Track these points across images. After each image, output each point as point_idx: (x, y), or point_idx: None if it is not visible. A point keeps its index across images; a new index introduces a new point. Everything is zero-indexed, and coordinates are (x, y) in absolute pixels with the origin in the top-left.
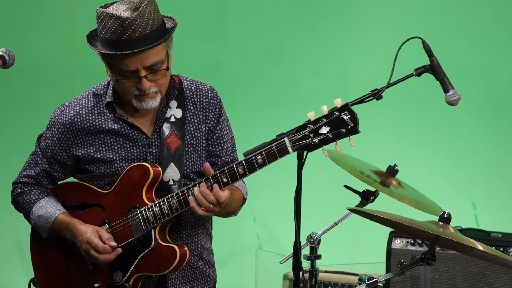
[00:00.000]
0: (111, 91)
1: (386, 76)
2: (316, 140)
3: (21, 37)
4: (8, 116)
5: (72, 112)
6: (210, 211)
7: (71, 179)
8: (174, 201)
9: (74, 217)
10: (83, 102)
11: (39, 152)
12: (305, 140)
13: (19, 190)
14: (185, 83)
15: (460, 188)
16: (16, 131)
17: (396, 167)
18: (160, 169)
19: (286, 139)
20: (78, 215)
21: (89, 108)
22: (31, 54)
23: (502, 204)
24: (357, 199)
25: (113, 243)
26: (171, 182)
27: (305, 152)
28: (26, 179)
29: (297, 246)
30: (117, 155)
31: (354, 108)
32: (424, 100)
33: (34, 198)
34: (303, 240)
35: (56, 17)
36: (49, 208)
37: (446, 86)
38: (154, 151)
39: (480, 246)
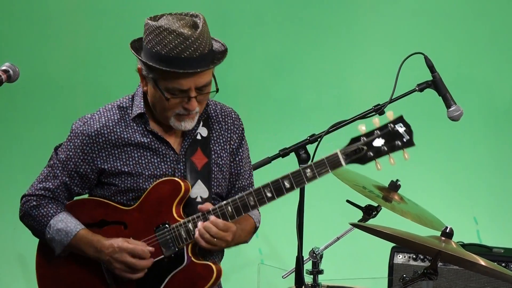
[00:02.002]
0: (142, 103)
1: (389, 91)
2: (371, 152)
3: (24, 51)
4: (11, 130)
5: (97, 123)
6: (214, 244)
7: (84, 195)
8: (211, 215)
9: None
10: (108, 114)
11: (58, 164)
12: (358, 153)
13: (34, 203)
14: (210, 103)
15: (462, 203)
16: (19, 145)
17: (399, 182)
18: (189, 183)
19: (338, 151)
20: (96, 233)
21: (116, 120)
22: (34, 68)
23: (505, 219)
24: (359, 214)
25: (150, 247)
26: (198, 199)
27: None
28: (43, 191)
29: (299, 261)
30: (145, 170)
31: (358, 123)
32: (426, 115)
33: (52, 211)
34: (305, 255)
35: (59, 31)
36: (69, 222)
37: (448, 101)
38: (181, 167)
39: (482, 262)
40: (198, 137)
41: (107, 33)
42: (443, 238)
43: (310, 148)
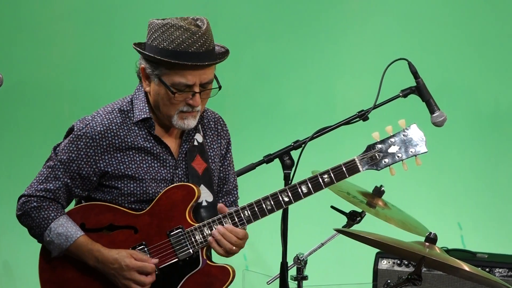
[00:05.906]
0: (147, 108)
1: (373, 97)
2: (386, 159)
3: (10, 57)
4: None
5: (100, 126)
6: (232, 253)
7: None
8: (227, 220)
9: (100, 240)
10: (110, 117)
11: (60, 166)
12: (375, 159)
13: (34, 204)
14: None
15: (446, 208)
16: (3, 152)
17: (383, 188)
18: (199, 189)
19: (356, 158)
20: (104, 238)
21: (119, 124)
22: (20, 74)
23: (489, 224)
24: (343, 220)
25: (155, 260)
26: (204, 203)
27: (291, 173)
28: (43, 192)
29: (284, 267)
30: (147, 174)
31: (342, 129)
32: (410, 121)
33: (52, 214)
34: (290, 260)
35: (46, 37)
36: (69, 227)
37: (432, 107)
38: (180, 173)
39: (466, 267)
40: (195, 142)
41: (95, 39)
42: (427, 243)
43: (294, 154)
